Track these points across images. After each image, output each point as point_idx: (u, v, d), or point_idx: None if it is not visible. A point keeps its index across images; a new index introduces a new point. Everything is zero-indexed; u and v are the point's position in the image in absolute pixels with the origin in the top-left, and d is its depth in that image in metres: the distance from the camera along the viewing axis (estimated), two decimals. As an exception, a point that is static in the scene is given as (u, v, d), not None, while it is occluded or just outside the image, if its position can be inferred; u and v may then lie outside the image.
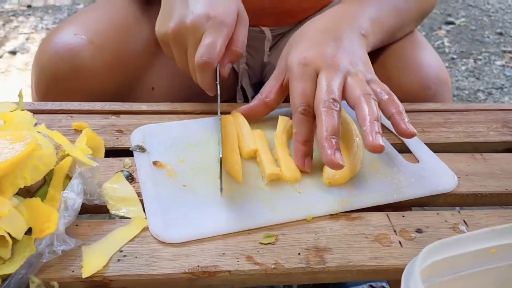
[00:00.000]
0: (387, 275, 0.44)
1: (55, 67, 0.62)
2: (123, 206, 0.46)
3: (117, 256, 0.42)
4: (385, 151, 0.55)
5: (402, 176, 0.52)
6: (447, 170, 0.53)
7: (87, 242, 0.43)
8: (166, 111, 0.62)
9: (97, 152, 0.53)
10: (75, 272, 0.40)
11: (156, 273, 0.41)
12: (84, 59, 0.62)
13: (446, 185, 0.51)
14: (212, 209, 0.46)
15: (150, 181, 0.49)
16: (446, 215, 0.49)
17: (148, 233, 0.44)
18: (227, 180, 0.50)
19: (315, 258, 0.43)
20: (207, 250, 0.43)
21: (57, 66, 0.62)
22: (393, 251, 0.44)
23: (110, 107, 0.61)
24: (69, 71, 0.62)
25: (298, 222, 0.46)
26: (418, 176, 0.52)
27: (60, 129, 0.57)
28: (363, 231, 0.46)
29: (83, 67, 0.62)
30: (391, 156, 0.55)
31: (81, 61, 0.62)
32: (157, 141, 0.55)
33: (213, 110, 0.63)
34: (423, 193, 0.50)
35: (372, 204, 0.49)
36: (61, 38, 0.64)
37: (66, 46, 0.63)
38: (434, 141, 0.60)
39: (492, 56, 2.16)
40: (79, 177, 0.43)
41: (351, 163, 0.51)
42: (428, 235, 0.46)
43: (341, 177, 0.50)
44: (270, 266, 0.42)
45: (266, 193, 0.49)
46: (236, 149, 0.52)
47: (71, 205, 0.42)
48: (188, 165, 0.52)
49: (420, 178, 0.52)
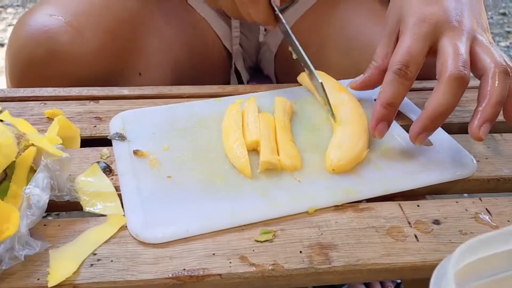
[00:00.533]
0: (402, 274, 0.38)
1: (30, 51, 0.56)
2: (99, 202, 0.40)
3: (89, 260, 0.36)
4: (395, 133, 0.50)
5: (415, 161, 0.46)
6: (464, 153, 0.47)
7: (56, 245, 0.37)
8: (150, 95, 0.56)
9: (72, 142, 0.48)
10: (41, 280, 0.35)
11: (135, 279, 0.35)
12: (62, 43, 0.56)
13: (465, 170, 0.46)
14: (199, 203, 0.41)
15: (130, 172, 0.43)
16: (466, 204, 0.43)
17: (127, 232, 0.38)
18: (218, 171, 0.44)
19: (319, 256, 0.37)
20: (194, 251, 0.37)
21: (32, 51, 0.56)
22: (409, 246, 0.38)
23: (88, 93, 0.55)
24: (45, 56, 0.56)
25: (299, 215, 0.41)
26: (432, 161, 0.46)
27: (32, 118, 0.51)
28: (373, 224, 0.40)
29: (61, 51, 0.56)
30: (402, 138, 0.49)
31: (58, 44, 0.56)
32: (138, 128, 0.49)
33: (204, 93, 0.57)
34: (439, 179, 0.45)
35: (382, 193, 0.43)
36: (35, 20, 0.58)
37: (42, 28, 0.57)
38: (447, 121, 0.53)
39: (496, 37, 2.09)
40: (45, 170, 0.38)
41: (356, 148, 0.45)
42: (447, 227, 0.40)
43: (346, 163, 0.44)
44: (268, 267, 0.36)
45: (261, 184, 0.43)
46: (241, 139, 0.46)
47: (35, 202, 0.36)
48: (174, 154, 0.46)
49: (435, 163, 0.46)
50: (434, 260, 0.38)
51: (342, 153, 0.44)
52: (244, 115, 0.49)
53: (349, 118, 0.48)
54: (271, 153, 0.45)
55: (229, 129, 0.47)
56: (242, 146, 0.45)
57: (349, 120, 0.48)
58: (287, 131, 0.48)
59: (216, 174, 0.44)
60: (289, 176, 0.44)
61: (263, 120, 0.48)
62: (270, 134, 0.47)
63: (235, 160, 0.44)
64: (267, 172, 0.44)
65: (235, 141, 0.46)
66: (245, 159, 0.44)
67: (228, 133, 0.47)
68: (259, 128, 0.47)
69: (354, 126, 0.47)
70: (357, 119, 0.48)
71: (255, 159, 0.45)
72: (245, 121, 0.48)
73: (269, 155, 0.44)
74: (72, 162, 0.44)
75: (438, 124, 0.44)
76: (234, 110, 0.50)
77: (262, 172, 0.44)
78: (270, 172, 0.44)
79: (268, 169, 0.44)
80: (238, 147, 0.45)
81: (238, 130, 0.47)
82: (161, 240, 0.37)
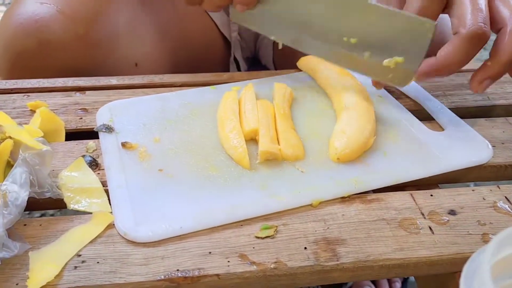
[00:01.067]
0: (416, 269, 0.35)
1: (20, 42, 0.53)
2: (84, 198, 0.37)
3: (73, 262, 0.33)
4: (403, 118, 0.46)
5: (426, 147, 0.43)
6: (478, 137, 0.44)
7: (37, 246, 0.34)
8: (141, 85, 0.52)
9: (56, 135, 0.44)
10: (20, 285, 0.31)
11: (124, 282, 0.32)
12: (54, 32, 0.53)
13: (480, 156, 0.42)
14: (194, 197, 0.37)
15: (117, 166, 0.40)
16: (484, 192, 0.40)
17: (114, 231, 0.35)
18: (214, 162, 0.41)
19: (325, 253, 0.34)
20: (188, 250, 0.34)
21: (23, 41, 0.53)
22: (423, 240, 0.35)
23: (73, 83, 0.52)
24: (37, 46, 0.52)
25: (302, 208, 0.37)
26: (445, 147, 0.43)
27: (14, 111, 0.48)
28: (384, 216, 0.37)
29: (53, 40, 0.53)
30: (411, 124, 0.46)
31: (50, 34, 0.53)
32: (127, 119, 0.45)
33: (197, 82, 0.53)
34: (453, 167, 0.41)
35: (392, 183, 0.40)
36: (25, 8, 0.54)
37: (32, 17, 0.53)
38: (458, 105, 0.51)
39: (498, 24, 2.05)
40: (23, 165, 0.34)
41: (363, 134, 0.42)
42: (464, 217, 0.37)
43: (352, 151, 0.41)
44: (270, 265, 0.33)
45: (261, 175, 0.40)
46: (238, 128, 0.43)
47: (12, 200, 0.33)
48: (166, 146, 0.43)
49: (448, 149, 0.43)
50: (451, 253, 0.34)
51: (347, 140, 0.41)
52: (241, 102, 0.46)
53: (354, 103, 0.45)
54: (271, 142, 0.41)
55: (225, 118, 0.44)
56: (239, 136, 0.42)
57: (354, 104, 0.44)
58: (287, 118, 0.45)
59: (212, 166, 0.40)
60: (291, 166, 0.41)
61: (261, 108, 0.45)
62: (270, 122, 0.44)
63: (232, 151, 0.41)
64: (267, 163, 0.41)
65: (232, 130, 0.42)
66: (243, 149, 0.41)
67: (224, 122, 0.44)
68: (257, 116, 0.44)
69: (359, 111, 0.44)
70: (362, 103, 0.45)
71: (254, 149, 0.42)
72: (242, 109, 0.45)
73: (268, 144, 0.41)
74: (56, 156, 0.41)
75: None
76: (230, 97, 0.46)
77: (261, 163, 0.41)
78: (270, 162, 0.41)
79: (268, 160, 0.41)
80: (235, 137, 0.42)
81: (235, 118, 0.44)
82: (152, 239, 0.34)
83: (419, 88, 0.52)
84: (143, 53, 0.61)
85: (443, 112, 0.48)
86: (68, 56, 0.54)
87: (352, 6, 0.42)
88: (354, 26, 0.43)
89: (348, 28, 0.43)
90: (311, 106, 0.48)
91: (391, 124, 0.46)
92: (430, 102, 0.50)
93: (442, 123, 0.47)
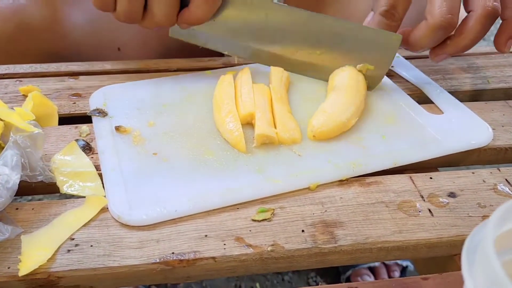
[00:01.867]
0: (415, 252, 0.34)
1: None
2: (77, 182, 0.36)
3: (66, 246, 0.32)
4: (402, 101, 0.46)
5: (425, 130, 0.42)
6: (478, 120, 0.44)
7: (30, 230, 0.33)
8: (135, 70, 0.52)
9: (49, 120, 0.44)
10: (12, 269, 0.31)
11: (118, 265, 0.31)
12: (31, 16, 0.52)
13: (480, 139, 0.42)
14: (189, 181, 0.37)
15: (111, 150, 0.39)
16: (484, 174, 0.39)
17: (108, 214, 0.34)
18: (209, 146, 0.40)
19: (323, 235, 0.33)
20: (183, 233, 0.33)
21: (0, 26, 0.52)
22: (423, 222, 0.35)
23: (66, 68, 0.51)
24: (14, 30, 0.52)
25: (300, 192, 0.37)
26: (444, 130, 0.42)
27: (6, 96, 0.47)
28: (383, 199, 0.36)
29: (31, 24, 0.52)
30: (410, 107, 0.45)
31: (27, 17, 0.52)
32: (121, 103, 0.45)
33: (193, 66, 0.53)
34: (453, 149, 0.41)
35: (391, 166, 0.39)
36: None
37: (9, 1, 0.52)
38: (458, 89, 0.50)
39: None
40: (14, 147, 0.34)
41: (344, 114, 0.41)
42: (464, 200, 0.37)
43: (329, 129, 0.40)
44: (267, 248, 0.32)
45: (257, 159, 0.39)
46: (234, 111, 0.42)
47: (3, 183, 0.32)
48: (160, 129, 0.42)
49: (447, 132, 0.42)
50: (451, 236, 0.34)
51: (325, 119, 0.41)
52: (237, 86, 0.45)
53: (344, 84, 0.44)
54: (268, 125, 0.41)
55: (221, 101, 0.43)
56: (235, 119, 0.41)
57: (344, 86, 0.44)
58: (284, 102, 0.44)
59: (207, 150, 0.40)
60: (288, 150, 0.40)
61: (258, 91, 0.44)
62: (266, 105, 0.43)
63: (228, 134, 0.40)
64: (264, 147, 0.40)
65: (228, 114, 0.41)
66: (239, 132, 0.40)
67: (220, 106, 0.43)
68: (253, 100, 0.43)
69: (347, 92, 0.43)
70: (352, 85, 0.44)
71: (250, 133, 0.41)
72: (238, 92, 0.44)
73: (265, 127, 0.40)
74: (49, 141, 0.40)
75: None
76: (226, 81, 0.46)
77: (258, 147, 0.40)
78: (266, 146, 0.40)
79: (265, 143, 0.40)
80: (231, 120, 0.41)
81: (231, 102, 0.43)
82: (146, 222, 0.33)
83: (418, 72, 0.51)
84: (126, 36, 0.59)
85: (442, 95, 0.47)
86: (47, 39, 0.53)
87: (318, 22, 0.45)
88: (320, 40, 0.46)
89: (315, 42, 0.46)
90: (308, 89, 0.47)
91: (390, 107, 0.45)
92: (430, 86, 0.49)
93: (441, 106, 0.46)
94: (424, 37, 0.42)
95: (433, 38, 0.42)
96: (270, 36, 0.47)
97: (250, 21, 0.46)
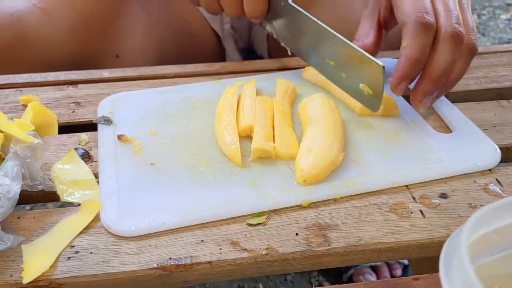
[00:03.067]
0: (408, 252, 0.35)
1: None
2: (77, 190, 0.37)
3: (67, 253, 0.33)
4: (406, 117, 0.45)
5: (430, 150, 0.41)
6: (487, 141, 0.42)
7: (31, 238, 0.34)
8: (133, 77, 0.52)
9: (49, 129, 0.45)
10: (14, 277, 0.32)
11: (117, 271, 0.32)
12: (30, 25, 0.53)
13: (486, 161, 0.40)
14: (182, 192, 0.37)
15: (110, 158, 0.40)
16: (474, 174, 0.40)
17: (107, 221, 0.35)
18: (206, 158, 0.41)
19: (317, 238, 0.34)
20: (180, 239, 0.34)
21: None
22: (414, 223, 0.35)
23: (66, 77, 0.52)
24: (12, 40, 0.53)
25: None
26: (450, 150, 0.41)
27: (7, 106, 0.48)
28: (375, 201, 0.37)
29: (29, 34, 0.53)
30: (416, 124, 0.44)
31: (25, 27, 0.53)
32: (127, 112, 0.45)
33: (189, 72, 0.53)
34: (456, 171, 0.39)
35: (388, 186, 0.38)
36: (1, 2, 0.54)
37: (7, 11, 0.53)
38: (451, 90, 0.51)
39: (497, 10, 2.04)
40: (15, 158, 0.35)
41: (331, 152, 0.39)
42: (455, 200, 0.37)
43: (320, 171, 0.37)
44: (261, 252, 0.33)
45: (252, 173, 0.39)
46: (233, 124, 0.42)
47: (4, 193, 0.33)
48: (161, 139, 0.42)
49: (453, 152, 0.41)
50: (442, 236, 0.35)
51: (313, 160, 0.38)
52: (241, 98, 0.45)
53: (320, 116, 0.42)
54: (265, 139, 0.40)
55: (222, 113, 0.43)
56: (233, 132, 0.41)
57: (321, 118, 0.42)
58: (286, 115, 0.44)
59: (204, 162, 0.40)
60: (284, 165, 0.40)
61: (260, 104, 0.44)
62: (266, 119, 0.43)
63: (225, 147, 0.40)
64: (261, 161, 0.40)
65: (227, 126, 0.41)
66: (236, 146, 0.40)
67: (221, 117, 0.43)
68: (254, 113, 0.43)
69: (326, 126, 0.41)
70: (330, 117, 0.42)
71: (249, 146, 0.41)
72: (241, 104, 0.44)
73: (262, 142, 0.40)
74: (49, 150, 0.41)
75: (438, 85, 0.41)
76: (230, 92, 0.46)
77: (254, 161, 0.40)
78: (263, 160, 0.40)
79: (262, 158, 0.40)
80: (229, 133, 0.41)
81: (232, 114, 0.43)
82: (135, 233, 0.34)
83: None
84: (124, 43, 0.60)
85: (453, 112, 0.46)
86: (45, 49, 0.54)
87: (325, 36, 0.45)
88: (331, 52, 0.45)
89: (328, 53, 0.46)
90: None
91: (395, 123, 0.44)
92: (441, 102, 0.47)
93: (451, 124, 0.45)
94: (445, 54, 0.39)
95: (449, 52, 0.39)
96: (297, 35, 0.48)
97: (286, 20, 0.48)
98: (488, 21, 1.97)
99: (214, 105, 0.46)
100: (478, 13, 2.03)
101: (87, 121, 0.46)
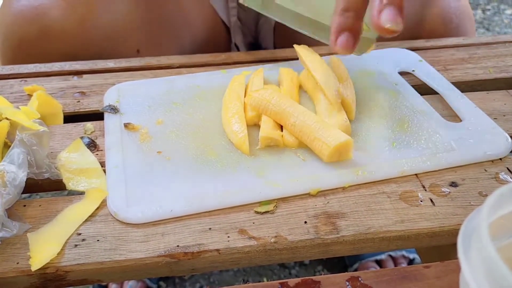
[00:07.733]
0: (418, 241, 0.34)
1: (21, 30, 0.53)
2: (83, 179, 0.37)
3: (73, 241, 0.33)
4: (419, 107, 0.44)
5: (440, 139, 0.41)
6: (498, 130, 0.42)
7: (37, 226, 0.34)
8: (138, 67, 0.52)
9: (55, 118, 0.44)
10: (21, 264, 0.31)
11: (124, 258, 0.32)
12: (54, 19, 0.52)
13: (497, 150, 0.39)
14: (189, 181, 0.37)
15: (117, 147, 0.40)
16: (485, 163, 0.39)
17: (113, 209, 0.35)
18: (213, 146, 0.40)
19: (325, 226, 0.34)
20: (188, 226, 0.34)
21: (23, 29, 0.53)
22: (424, 211, 0.35)
23: (70, 67, 0.51)
24: (37, 33, 0.52)
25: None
26: (460, 138, 0.41)
27: (12, 96, 0.48)
28: (384, 190, 0.37)
29: (53, 27, 0.52)
30: (426, 113, 0.44)
31: (50, 21, 0.52)
32: (133, 100, 0.45)
33: (195, 63, 0.53)
34: (466, 160, 0.39)
35: (397, 175, 0.38)
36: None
37: (32, 4, 0.53)
38: (459, 79, 0.50)
39: (501, 5, 2.03)
40: (21, 145, 0.34)
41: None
42: (465, 189, 0.37)
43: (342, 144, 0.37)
44: (270, 240, 0.33)
45: (259, 162, 0.38)
46: (241, 112, 0.41)
47: (10, 180, 0.33)
48: (168, 128, 0.42)
49: (463, 141, 0.40)
50: (453, 224, 0.34)
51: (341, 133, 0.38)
52: (249, 87, 0.45)
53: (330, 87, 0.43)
54: (273, 128, 0.40)
55: (229, 102, 0.43)
56: (241, 120, 0.41)
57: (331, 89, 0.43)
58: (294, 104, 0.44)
59: (211, 150, 0.40)
60: (292, 154, 0.39)
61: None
62: None
63: (233, 135, 0.40)
64: (268, 150, 0.40)
65: (234, 115, 0.41)
66: (244, 134, 0.39)
67: (228, 106, 0.43)
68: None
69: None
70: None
71: (257, 135, 0.41)
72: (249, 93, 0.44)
73: (269, 130, 0.40)
74: (54, 139, 0.41)
75: None
76: (237, 81, 0.45)
77: (262, 149, 0.39)
78: (271, 149, 0.40)
79: (270, 146, 0.40)
80: (236, 121, 0.40)
81: (239, 103, 0.42)
82: (142, 220, 0.34)
83: (440, 76, 0.49)
84: (146, 39, 0.60)
85: (463, 102, 0.45)
86: (69, 42, 0.53)
87: None
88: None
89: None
90: None
91: (405, 113, 0.44)
92: (451, 92, 0.47)
93: (460, 113, 0.44)
94: None
95: None
96: None
97: None
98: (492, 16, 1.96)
99: (221, 94, 0.45)
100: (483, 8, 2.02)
101: (92, 111, 0.46)
